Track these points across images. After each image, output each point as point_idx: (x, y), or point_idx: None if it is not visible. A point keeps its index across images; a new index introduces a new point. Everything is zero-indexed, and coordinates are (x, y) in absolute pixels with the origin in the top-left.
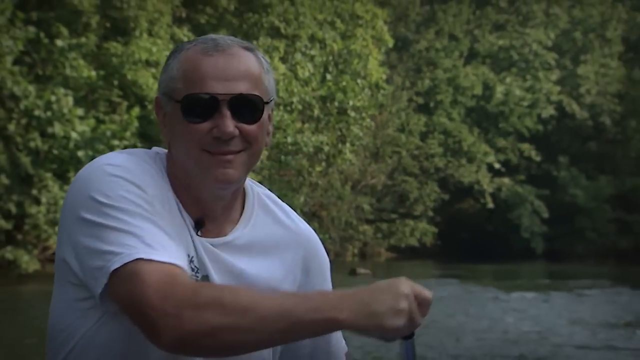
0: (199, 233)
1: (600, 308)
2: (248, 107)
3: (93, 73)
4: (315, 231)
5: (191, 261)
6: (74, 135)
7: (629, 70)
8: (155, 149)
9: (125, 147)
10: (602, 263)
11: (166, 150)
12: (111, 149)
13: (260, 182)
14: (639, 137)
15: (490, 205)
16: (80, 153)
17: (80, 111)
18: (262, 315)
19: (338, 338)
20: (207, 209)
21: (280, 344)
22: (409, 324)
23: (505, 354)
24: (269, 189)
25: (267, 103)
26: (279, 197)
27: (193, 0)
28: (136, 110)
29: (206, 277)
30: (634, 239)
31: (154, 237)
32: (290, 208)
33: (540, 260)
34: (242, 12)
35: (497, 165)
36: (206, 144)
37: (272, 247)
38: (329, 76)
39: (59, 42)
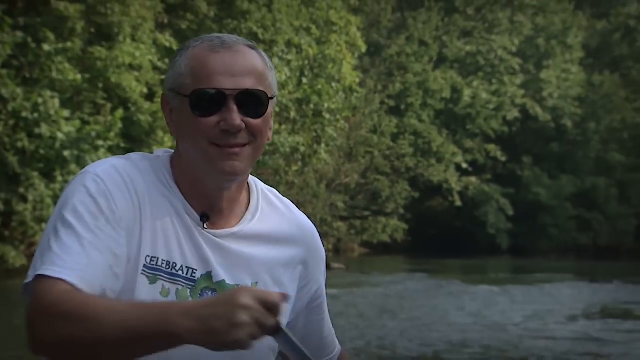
0: (205, 226)
1: (560, 300)
2: (254, 102)
3: (78, 76)
4: None
5: (174, 267)
6: (59, 135)
7: (588, 75)
8: (158, 151)
9: (110, 147)
10: (563, 258)
11: (171, 152)
12: (96, 149)
13: None
14: (598, 139)
15: (458, 203)
16: (66, 153)
17: (66, 113)
18: (105, 330)
19: (329, 329)
20: (212, 202)
21: (133, 358)
22: (258, 331)
23: (471, 343)
24: None
25: (272, 98)
26: None
27: (174, 7)
28: (120, 112)
29: (209, 274)
30: (592, 235)
31: (66, 255)
32: (291, 202)
33: (505, 255)
34: (221, 18)
35: (464, 165)
36: (214, 136)
37: (276, 239)
38: (304, 80)
39: (46, 47)
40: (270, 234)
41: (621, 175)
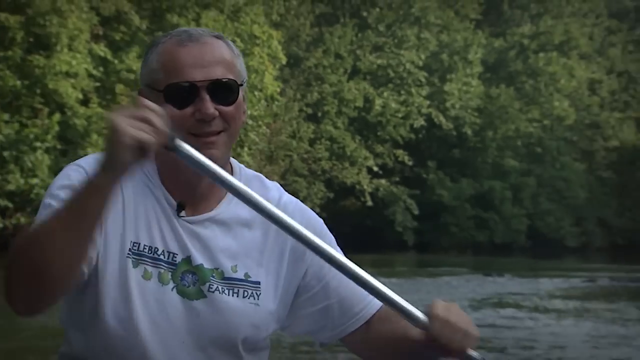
0: (181, 214)
1: (459, 291)
2: (225, 90)
3: (18, 82)
4: None
5: (156, 252)
6: None
7: (487, 88)
8: None
9: (47, 149)
10: (463, 254)
11: None
12: (34, 150)
13: None
14: (495, 146)
15: (369, 203)
16: (5, 153)
17: (5, 116)
18: (51, 221)
19: (348, 296)
20: (193, 189)
21: (84, 233)
22: (135, 122)
23: None
24: None
25: (241, 85)
26: None
27: (109, 20)
28: (57, 116)
29: (188, 258)
30: (489, 233)
31: None
32: (278, 185)
33: (411, 251)
34: (153, 30)
35: (375, 168)
36: (191, 127)
37: (256, 221)
38: None
39: None
40: (249, 217)
41: (515, 179)
